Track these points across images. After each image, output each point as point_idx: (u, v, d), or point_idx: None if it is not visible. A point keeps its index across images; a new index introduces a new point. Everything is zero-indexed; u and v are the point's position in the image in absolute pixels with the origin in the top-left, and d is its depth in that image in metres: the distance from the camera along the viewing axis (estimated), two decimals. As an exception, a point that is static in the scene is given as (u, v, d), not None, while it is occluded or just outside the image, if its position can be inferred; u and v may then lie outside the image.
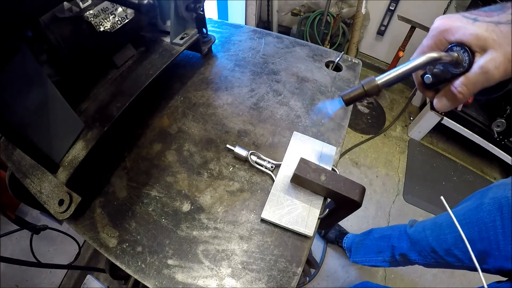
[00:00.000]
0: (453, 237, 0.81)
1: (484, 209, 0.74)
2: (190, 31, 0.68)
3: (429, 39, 0.39)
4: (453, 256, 0.81)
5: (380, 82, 0.38)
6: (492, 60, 0.32)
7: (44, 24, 0.48)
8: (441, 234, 0.84)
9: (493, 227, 0.71)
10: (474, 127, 1.64)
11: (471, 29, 0.34)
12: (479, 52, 0.34)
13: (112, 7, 0.57)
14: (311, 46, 0.81)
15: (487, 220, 0.72)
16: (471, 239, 0.76)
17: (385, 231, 1.15)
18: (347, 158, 1.80)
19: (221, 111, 0.66)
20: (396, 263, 1.08)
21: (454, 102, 0.38)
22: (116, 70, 0.62)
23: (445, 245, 0.82)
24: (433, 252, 0.87)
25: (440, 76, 0.39)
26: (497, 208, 0.71)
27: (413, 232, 0.97)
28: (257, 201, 0.53)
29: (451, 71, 0.37)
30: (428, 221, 0.95)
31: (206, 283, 0.45)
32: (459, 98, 0.36)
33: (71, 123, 0.52)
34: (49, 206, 0.48)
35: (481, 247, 0.73)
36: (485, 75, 0.33)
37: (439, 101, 0.39)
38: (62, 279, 1.27)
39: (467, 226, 0.77)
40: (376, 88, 0.38)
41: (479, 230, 0.74)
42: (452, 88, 0.37)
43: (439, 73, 0.39)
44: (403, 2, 1.84)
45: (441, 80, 0.39)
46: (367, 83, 0.39)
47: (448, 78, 0.38)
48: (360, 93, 0.39)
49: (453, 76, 0.37)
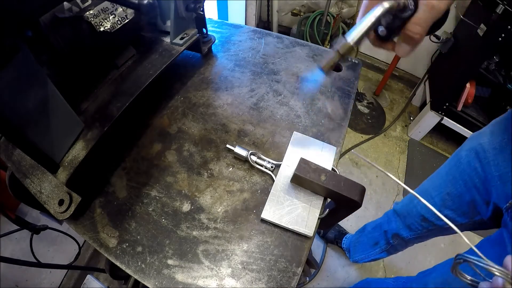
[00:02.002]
0: (441, 198, 0.82)
1: (463, 162, 0.77)
2: (190, 31, 0.68)
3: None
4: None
5: (351, 40, 0.39)
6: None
7: (44, 24, 0.48)
8: (429, 198, 0.85)
9: (476, 175, 0.72)
10: (474, 127, 1.64)
11: None
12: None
13: (112, 7, 0.57)
14: (311, 46, 0.81)
15: (469, 171, 0.74)
16: (458, 194, 0.78)
17: (376, 222, 1.17)
18: (347, 158, 1.80)
19: (221, 111, 0.66)
20: (393, 248, 1.09)
21: (413, 44, 0.40)
22: (116, 70, 0.62)
23: (435, 208, 0.83)
24: (424, 220, 0.88)
25: (393, 25, 0.40)
26: (474, 156, 0.73)
27: (401, 207, 0.99)
28: (257, 201, 0.53)
29: (401, 17, 0.38)
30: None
31: (206, 283, 0.45)
32: (416, 38, 0.38)
33: (71, 123, 0.52)
34: (49, 206, 0.48)
35: (470, 197, 0.75)
36: (432, 10, 0.36)
37: (400, 48, 0.41)
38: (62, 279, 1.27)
39: (452, 182, 0.79)
40: (351, 48, 0.39)
41: (464, 182, 0.76)
42: (407, 32, 0.38)
43: (391, 22, 0.40)
44: (403, 2, 1.84)
45: (395, 28, 0.40)
46: (340, 45, 0.39)
47: (400, 25, 0.39)
48: (335, 57, 0.40)
49: (404, 21, 0.38)
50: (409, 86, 2.22)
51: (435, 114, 1.72)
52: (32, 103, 0.44)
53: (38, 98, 0.45)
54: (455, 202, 0.79)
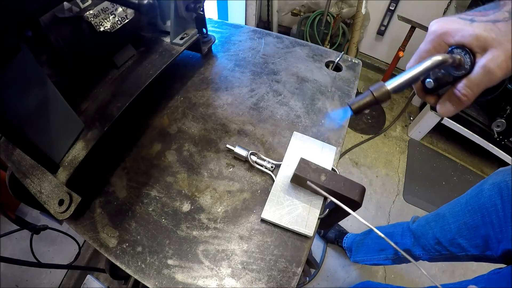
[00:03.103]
0: (457, 226, 0.82)
1: (484, 195, 0.76)
2: (190, 31, 0.68)
3: (428, 43, 0.38)
4: (457, 246, 0.82)
5: (390, 87, 0.36)
6: (493, 59, 0.32)
7: (44, 24, 0.48)
8: (445, 224, 0.85)
9: (495, 211, 0.72)
10: (474, 127, 1.64)
11: (470, 30, 0.34)
12: (480, 53, 0.33)
13: (112, 7, 0.57)
14: (311, 46, 0.81)
15: (488, 205, 0.74)
16: (474, 225, 0.77)
17: (387, 229, 1.15)
18: (347, 158, 1.79)
19: (221, 111, 0.66)
20: (399, 260, 1.09)
21: (458, 106, 0.37)
22: (116, 70, 0.62)
23: (450, 234, 0.83)
24: (438, 244, 0.88)
25: (442, 80, 0.38)
26: (497, 192, 0.73)
27: (417, 227, 0.98)
28: (257, 201, 0.53)
29: (453, 74, 0.36)
30: (430, 214, 0.96)
31: (206, 283, 0.45)
32: (464, 101, 0.36)
33: (71, 123, 0.52)
34: (49, 206, 0.48)
35: (484, 232, 0.74)
36: (487, 75, 0.33)
37: (443, 106, 0.39)
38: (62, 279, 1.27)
39: (470, 213, 0.79)
40: (387, 94, 0.36)
41: (481, 215, 0.75)
42: (455, 91, 0.36)
43: (441, 76, 0.38)
44: (403, 2, 1.84)
45: (443, 84, 0.38)
46: (377, 89, 0.36)
47: (450, 82, 0.37)
48: (370, 100, 0.36)
49: (455, 79, 0.36)
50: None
51: (435, 114, 1.72)
52: (32, 103, 0.44)
53: (38, 98, 0.45)
54: (470, 232, 0.79)
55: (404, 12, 1.81)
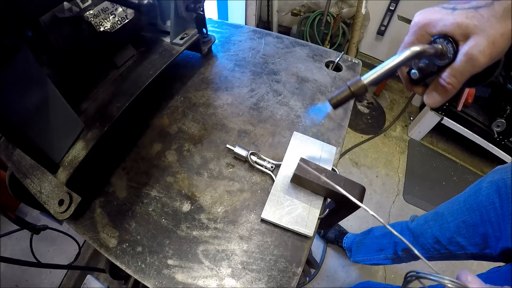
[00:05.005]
0: (456, 224, 0.82)
1: (482, 193, 0.76)
2: (190, 31, 0.68)
3: (411, 35, 0.38)
4: (456, 244, 0.82)
5: (366, 81, 0.37)
6: (475, 46, 0.32)
7: (44, 24, 0.48)
8: (444, 223, 0.85)
9: (493, 209, 0.72)
10: (474, 127, 1.64)
11: (451, 18, 0.34)
12: (462, 40, 0.33)
13: (112, 7, 0.57)
14: (311, 46, 0.81)
15: (487, 203, 0.74)
16: (473, 223, 0.77)
17: (386, 229, 1.14)
18: (347, 158, 1.79)
19: (221, 111, 0.66)
20: (399, 259, 1.09)
21: (445, 95, 0.37)
22: (116, 70, 0.62)
23: (448, 233, 0.83)
24: (437, 242, 0.88)
25: (427, 70, 0.38)
26: (495, 190, 0.73)
27: (416, 226, 0.98)
28: (257, 201, 0.53)
29: (437, 64, 0.36)
30: (429, 213, 0.96)
31: (206, 283, 0.45)
32: (449, 90, 0.36)
33: (71, 123, 0.52)
34: (49, 206, 0.48)
35: (483, 230, 0.74)
36: (471, 61, 0.33)
37: (430, 96, 0.39)
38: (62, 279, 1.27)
39: (468, 211, 0.79)
40: (363, 88, 0.37)
41: (480, 214, 0.75)
42: (440, 81, 0.36)
43: (425, 67, 0.38)
44: (403, 2, 1.84)
45: (428, 74, 0.38)
46: (353, 83, 0.37)
47: (435, 71, 0.37)
48: (347, 94, 0.38)
49: (440, 69, 0.36)
50: (409, 86, 2.22)
51: (435, 114, 1.72)
52: (32, 103, 0.44)
53: (38, 98, 0.45)
54: (469, 231, 0.79)
55: (404, 12, 1.81)
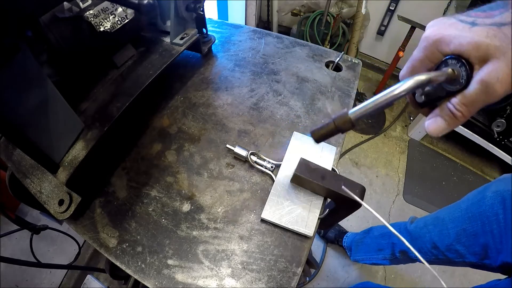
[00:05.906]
0: (456, 232, 0.80)
1: (486, 203, 0.74)
2: (190, 31, 0.68)
3: (421, 51, 0.32)
4: (455, 252, 0.80)
5: (353, 115, 0.32)
6: (494, 73, 0.26)
7: (44, 24, 0.48)
8: (444, 229, 0.84)
9: (496, 221, 0.70)
10: (474, 127, 1.64)
11: (469, 36, 0.28)
12: (478, 64, 0.28)
13: (112, 7, 0.57)
14: (311, 46, 0.81)
15: (490, 214, 0.72)
16: (474, 233, 0.75)
17: (385, 229, 1.15)
18: (347, 158, 1.80)
19: (221, 111, 0.66)
20: (397, 260, 1.08)
21: (451, 123, 0.30)
22: (116, 70, 0.62)
23: (448, 240, 0.82)
24: (434, 248, 0.86)
25: (433, 95, 0.33)
26: (500, 201, 0.71)
27: (414, 228, 0.97)
28: (257, 201, 0.53)
29: (446, 89, 0.31)
30: (429, 216, 0.94)
31: (206, 283, 0.45)
32: (458, 118, 0.30)
33: (71, 123, 0.52)
34: (49, 206, 0.48)
35: (484, 240, 0.72)
36: (486, 90, 0.27)
37: (433, 122, 0.32)
38: (62, 279, 1.27)
39: (470, 220, 0.77)
40: (349, 123, 0.33)
41: (482, 223, 0.74)
42: (449, 106, 0.30)
43: (432, 92, 0.33)
44: (403, 2, 1.84)
45: (435, 99, 0.33)
46: (338, 117, 0.33)
47: (443, 96, 0.32)
48: (331, 129, 0.34)
49: (449, 93, 0.31)
50: (409, 86, 2.22)
51: (435, 114, 1.72)
52: (32, 103, 0.44)
53: (38, 98, 0.45)
54: (469, 240, 0.77)
55: (404, 12, 1.81)
